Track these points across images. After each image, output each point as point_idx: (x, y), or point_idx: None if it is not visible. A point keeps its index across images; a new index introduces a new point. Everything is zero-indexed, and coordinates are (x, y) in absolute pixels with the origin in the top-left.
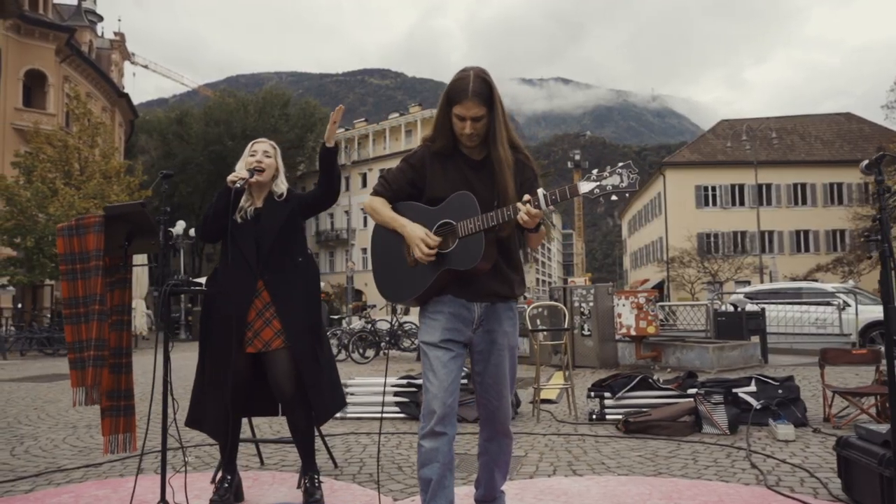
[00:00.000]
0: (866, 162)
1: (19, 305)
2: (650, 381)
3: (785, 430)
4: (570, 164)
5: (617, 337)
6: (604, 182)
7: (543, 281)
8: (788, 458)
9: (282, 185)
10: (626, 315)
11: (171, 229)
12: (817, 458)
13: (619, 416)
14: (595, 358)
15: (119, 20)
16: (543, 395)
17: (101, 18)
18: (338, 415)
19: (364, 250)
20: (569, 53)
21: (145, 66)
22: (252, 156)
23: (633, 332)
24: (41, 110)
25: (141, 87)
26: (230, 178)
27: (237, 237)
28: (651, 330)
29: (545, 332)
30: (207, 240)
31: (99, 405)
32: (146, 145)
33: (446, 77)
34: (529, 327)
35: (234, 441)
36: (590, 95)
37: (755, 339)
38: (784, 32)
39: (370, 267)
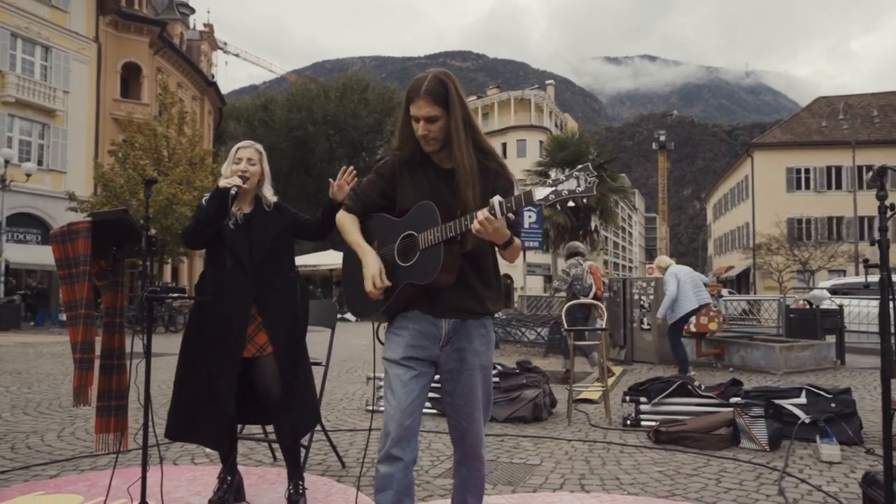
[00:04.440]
0: (871, 173)
1: None
2: (689, 387)
3: (830, 450)
4: (654, 146)
5: None
6: (560, 187)
7: (623, 266)
8: (825, 485)
9: (269, 193)
10: None
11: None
12: (858, 488)
13: (655, 423)
14: (654, 353)
15: (208, 12)
16: (585, 395)
17: (192, 11)
18: (369, 407)
19: None
20: (655, 29)
21: (236, 55)
22: (237, 163)
23: (692, 329)
24: (136, 101)
25: (233, 75)
26: (223, 183)
27: (231, 242)
28: (713, 326)
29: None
30: (195, 246)
31: (84, 406)
32: (234, 131)
33: (527, 58)
34: (565, 325)
35: (232, 446)
36: (678, 73)
37: (831, 338)
38: None
39: None
